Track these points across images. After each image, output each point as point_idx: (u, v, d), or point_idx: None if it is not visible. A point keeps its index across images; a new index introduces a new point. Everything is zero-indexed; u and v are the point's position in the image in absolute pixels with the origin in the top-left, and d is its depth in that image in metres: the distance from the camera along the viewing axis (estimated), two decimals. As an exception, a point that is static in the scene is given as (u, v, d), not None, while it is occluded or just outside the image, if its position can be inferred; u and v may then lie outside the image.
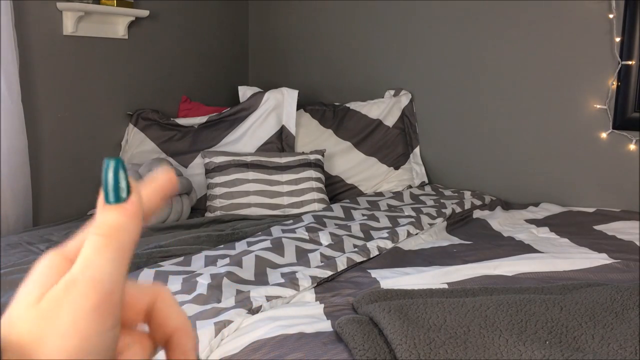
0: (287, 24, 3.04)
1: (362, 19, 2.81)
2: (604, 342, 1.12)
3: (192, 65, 2.84)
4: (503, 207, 2.35)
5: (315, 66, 2.98)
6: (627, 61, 2.20)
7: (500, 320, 1.16)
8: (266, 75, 3.13)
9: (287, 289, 1.43)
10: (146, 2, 2.53)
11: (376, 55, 2.79)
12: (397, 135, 2.67)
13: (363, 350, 1.08)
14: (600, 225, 2.05)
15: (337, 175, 2.55)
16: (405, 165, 2.66)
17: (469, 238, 1.95)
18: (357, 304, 1.31)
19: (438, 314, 1.18)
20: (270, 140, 2.49)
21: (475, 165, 2.59)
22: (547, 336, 1.13)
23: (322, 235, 1.84)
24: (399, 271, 1.58)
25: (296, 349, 1.15)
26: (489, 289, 1.37)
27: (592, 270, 1.59)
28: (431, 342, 1.08)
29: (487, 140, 2.56)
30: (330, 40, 2.92)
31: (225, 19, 3.01)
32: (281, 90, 2.56)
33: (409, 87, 2.73)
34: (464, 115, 2.60)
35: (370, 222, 2.01)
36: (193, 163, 2.44)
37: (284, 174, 2.33)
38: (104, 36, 2.40)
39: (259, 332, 1.22)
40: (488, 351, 1.07)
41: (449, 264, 1.63)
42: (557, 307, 1.22)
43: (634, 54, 2.19)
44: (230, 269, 1.52)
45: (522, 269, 1.59)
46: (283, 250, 1.70)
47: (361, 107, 2.68)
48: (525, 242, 1.88)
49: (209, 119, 2.55)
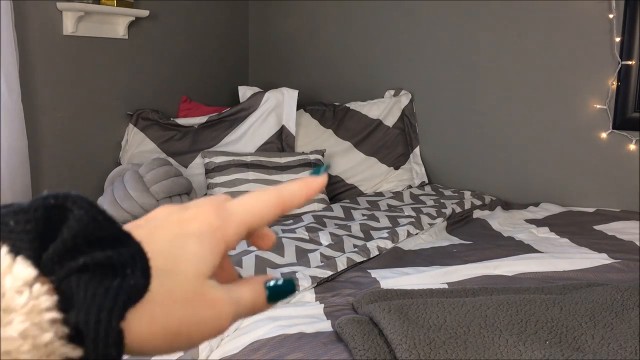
0: (287, 24, 3.04)
1: (362, 19, 2.81)
2: (604, 342, 1.12)
3: (192, 65, 2.84)
4: (503, 207, 2.35)
5: (315, 66, 2.98)
6: (627, 61, 2.20)
7: (500, 320, 1.16)
8: (266, 75, 3.13)
9: (287, 289, 1.43)
10: (146, 2, 2.53)
11: (376, 55, 2.79)
12: (397, 135, 2.67)
13: (363, 350, 1.08)
14: (600, 225, 2.05)
15: (337, 175, 2.55)
16: (405, 165, 2.66)
17: (469, 238, 1.95)
18: (357, 304, 1.31)
19: (438, 314, 1.18)
20: (270, 140, 2.49)
21: (475, 165, 2.59)
22: (547, 336, 1.13)
23: (322, 235, 1.84)
24: (399, 271, 1.58)
25: (296, 349, 1.15)
26: (489, 289, 1.37)
27: (592, 270, 1.59)
28: (431, 342, 1.08)
29: (487, 140, 2.56)
30: (330, 40, 2.92)
31: (225, 19, 3.01)
32: (281, 90, 2.56)
33: (409, 87, 2.73)
34: (464, 115, 2.60)
35: (370, 222, 2.01)
36: (193, 163, 2.44)
37: (284, 174, 2.33)
38: (104, 36, 2.40)
39: (258, 332, 1.22)
40: (488, 351, 1.07)
41: (449, 264, 1.63)
42: (557, 307, 1.22)
43: (634, 54, 2.19)
44: (230, 269, 1.52)
45: (522, 269, 1.58)
46: (283, 250, 1.70)
47: (361, 107, 2.68)
48: (525, 242, 1.88)
49: (209, 119, 2.55)
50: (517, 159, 2.49)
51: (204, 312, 0.28)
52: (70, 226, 0.25)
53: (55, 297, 0.24)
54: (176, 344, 0.27)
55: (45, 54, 2.19)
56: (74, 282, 0.24)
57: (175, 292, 0.27)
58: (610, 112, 2.26)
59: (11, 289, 0.23)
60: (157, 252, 0.27)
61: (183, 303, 0.27)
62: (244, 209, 0.32)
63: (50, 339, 0.23)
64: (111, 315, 0.24)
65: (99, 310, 0.24)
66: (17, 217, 0.25)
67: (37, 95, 2.18)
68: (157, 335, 0.26)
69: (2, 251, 0.24)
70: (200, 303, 0.28)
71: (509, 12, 2.43)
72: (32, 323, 0.23)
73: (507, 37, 2.45)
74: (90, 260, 0.25)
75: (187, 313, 0.27)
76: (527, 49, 2.41)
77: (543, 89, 2.40)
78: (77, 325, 0.24)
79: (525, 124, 2.46)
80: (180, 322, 0.27)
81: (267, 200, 0.32)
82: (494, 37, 2.48)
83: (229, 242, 0.30)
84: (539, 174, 2.45)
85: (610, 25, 2.22)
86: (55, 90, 2.24)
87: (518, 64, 2.44)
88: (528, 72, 2.42)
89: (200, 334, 0.28)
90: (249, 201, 0.32)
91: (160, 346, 0.27)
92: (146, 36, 2.58)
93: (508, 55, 2.46)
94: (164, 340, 0.26)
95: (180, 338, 0.27)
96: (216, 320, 0.28)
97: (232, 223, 0.30)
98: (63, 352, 0.23)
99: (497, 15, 2.46)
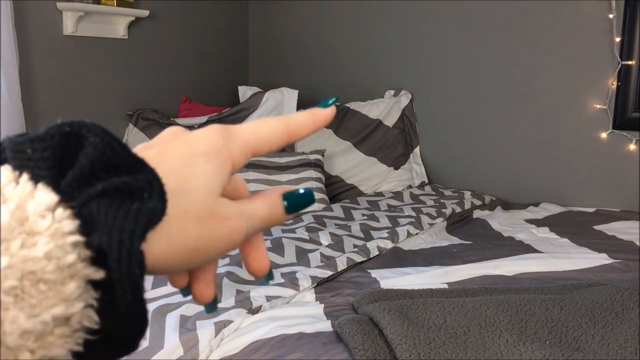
0: (288, 23, 3.04)
1: (362, 19, 2.81)
2: (604, 342, 1.12)
3: (192, 66, 2.84)
4: (503, 207, 2.35)
5: (315, 66, 2.98)
6: (627, 61, 2.20)
7: (500, 320, 1.16)
8: (266, 75, 3.13)
9: (287, 289, 1.43)
10: (146, 2, 2.53)
11: (376, 55, 2.79)
12: (397, 135, 2.67)
13: (363, 350, 1.08)
14: (600, 225, 2.05)
15: (337, 175, 2.55)
16: (405, 165, 2.66)
17: (469, 238, 1.95)
18: (357, 304, 1.31)
19: (438, 314, 1.18)
20: (270, 140, 2.48)
21: (475, 165, 2.59)
22: (547, 336, 1.13)
23: (322, 235, 1.84)
24: (399, 271, 1.58)
25: (296, 349, 1.15)
26: (489, 289, 1.37)
27: (592, 270, 1.59)
28: (431, 342, 1.08)
29: (487, 140, 2.56)
30: (330, 40, 2.92)
31: (225, 19, 3.01)
32: (281, 90, 2.57)
33: (409, 87, 2.73)
34: (464, 115, 2.60)
35: (370, 222, 2.01)
36: (193, 163, 2.44)
37: (284, 174, 2.33)
38: (104, 36, 2.40)
39: (259, 332, 1.22)
40: (488, 351, 1.07)
41: (449, 264, 1.63)
42: (557, 307, 1.22)
43: (634, 54, 2.19)
44: (230, 269, 1.52)
45: (522, 269, 1.58)
46: (283, 250, 1.70)
47: (361, 107, 2.68)
48: (525, 242, 1.88)
49: (209, 119, 2.55)
50: (517, 159, 2.49)
51: (217, 228, 0.29)
52: (87, 153, 0.26)
53: (77, 221, 0.25)
54: (194, 259, 0.28)
55: (45, 54, 2.19)
56: (94, 207, 0.25)
57: (190, 211, 0.28)
58: (610, 112, 2.26)
59: (34, 213, 0.24)
60: (168, 173, 0.28)
61: (198, 221, 0.28)
62: (249, 131, 0.33)
63: (73, 260, 0.24)
64: (133, 236, 0.25)
65: (121, 231, 0.24)
66: (34, 145, 0.25)
67: (37, 95, 2.18)
68: (176, 253, 0.27)
69: (23, 178, 0.24)
70: (214, 220, 0.29)
71: (509, 12, 2.43)
72: (56, 245, 0.23)
73: (507, 37, 2.45)
74: (108, 185, 0.25)
75: (203, 230, 0.28)
76: (527, 49, 2.41)
77: (543, 89, 2.40)
78: (100, 247, 0.24)
79: (525, 124, 2.46)
80: (197, 239, 0.28)
81: (273, 126, 0.33)
82: (494, 37, 2.48)
83: (235, 161, 0.31)
84: (539, 174, 2.45)
85: (610, 25, 2.22)
86: (55, 90, 2.24)
87: (518, 64, 2.44)
88: (528, 72, 2.42)
89: (215, 248, 0.29)
90: (254, 125, 0.33)
91: (180, 263, 0.28)
92: (146, 36, 2.58)
93: (508, 55, 2.46)
94: (182, 258, 0.27)
95: (198, 254, 0.28)
96: (229, 235, 0.29)
97: (236, 142, 0.31)
98: (86, 274, 0.24)
99: (497, 16, 2.46)
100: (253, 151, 0.32)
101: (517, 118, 2.47)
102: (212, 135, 0.30)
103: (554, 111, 2.39)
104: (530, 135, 2.45)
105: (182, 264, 0.28)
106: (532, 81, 2.42)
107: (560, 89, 2.36)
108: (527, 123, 2.45)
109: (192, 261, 0.28)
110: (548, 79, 2.38)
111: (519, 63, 2.44)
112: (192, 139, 0.30)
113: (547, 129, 2.41)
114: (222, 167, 0.30)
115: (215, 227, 0.29)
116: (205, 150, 0.30)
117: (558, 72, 2.36)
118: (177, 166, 0.29)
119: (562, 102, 2.36)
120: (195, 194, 0.28)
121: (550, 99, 2.39)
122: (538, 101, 2.42)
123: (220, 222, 0.29)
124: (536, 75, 2.41)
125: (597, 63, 2.27)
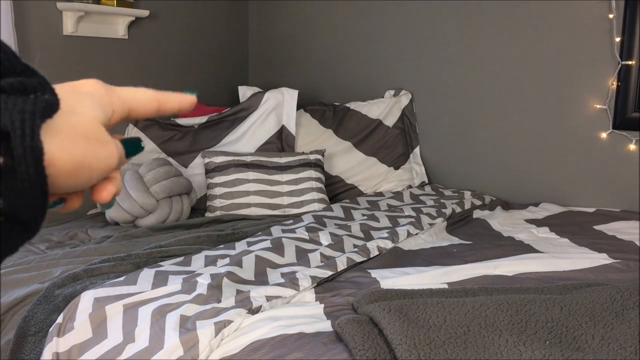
0: (287, 24, 3.04)
1: (362, 19, 2.81)
2: (604, 342, 1.12)
3: (192, 66, 2.84)
4: (503, 207, 2.35)
5: (315, 66, 2.98)
6: (627, 61, 2.20)
7: (500, 320, 1.16)
8: (266, 75, 3.13)
9: (287, 289, 1.43)
10: (146, 2, 2.54)
11: (376, 55, 2.79)
12: (397, 135, 2.67)
13: (363, 350, 1.08)
14: (600, 225, 2.05)
15: (337, 175, 2.55)
16: (405, 165, 2.66)
17: (469, 238, 1.95)
18: (357, 304, 1.31)
19: (438, 314, 1.18)
20: (270, 140, 2.49)
21: (475, 165, 2.60)
22: (547, 336, 1.13)
23: (322, 235, 1.84)
24: (399, 271, 1.58)
25: (296, 349, 1.15)
26: (489, 289, 1.37)
27: (592, 270, 1.59)
28: (431, 342, 1.08)
29: (487, 140, 2.56)
30: (330, 40, 2.92)
31: (225, 19, 3.01)
32: (281, 90, 2.56)
33: (409, 87, 2.73)
34: (464, 115, 2.60)
35: (370, 222, 2.01)
36: (193, 163, 2.44)
37: (284, 174, 2.33)
38: (104, 36, 2.40)
39: (259, 332, 1.22)
40: (488, 351, 1.07)
41: (449, 264, 1.63)
42: (557, 307, 1.22)
43: (634, 54, 2.19)
44: (230, 269, 1.52)
45: (522, 269, 1.58)
46: (283, 250, 1.70)
47: (361, 107, 2.68)
48: (525, 242, 1.88)
49: (209, 119, 2.55)
50: (517, 159, 2.49)
51: (100, 150, 0.32)
52: None
53: None
54: (79, 176, 0.31)
55: (45, 54, 2.19)
56: None
57: (78, 129, 0.31)
58: (610, 112, 2.26)
59: None
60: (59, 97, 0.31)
61: (85, 139, 0.31)
62: (127, 90, 0.37)
63: None
64: (34, 116, 0.28)
65: (22, 111, 0.27)
66: None
67: (37, 95, 2.18)
68: (66, 163, 0.30)
69: None
70: (98, 142, 0.32)
71: (509, 12, 2.43)
72: None
73: (507, 37, 2.45)
74: (4, 84, 0.29)
75: (88, 148, 0.32)
76: (527, 48, 2.41)
77: (543, 88, 2.40)
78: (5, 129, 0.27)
79: (525, 124, 2.46)
80: (84, 154, 0.31)
81: (148, 93, 0.39)
82: (493, 37, 2.48)
83: (116, 109, 0.35)
84: (539, 174, 2.45)
85: (610, 25, 2.22)
86: (55, 90, 2.24)
87: (518, 64, 2.44)
88: (528, 72, 2.42)
89: (97, 169, 0.32)
90: (131, 88, 0.38)
91: (67, 175, 0.31)
92: (146, 36, 2.58)
93: (508, 55, 2.46)
94: (70, 169, 0.30)
95: (83, 170, 0.31)
96: (108, 159, 0.33)
97: (116, 95, 0.36)
98: None
99: (497, 15, 2.46)
100: (130, 108, 0.37)
101: (517, 118, 2.47)
102: (95, 84, 0.35)
103: (554, 111, 2.39)
104: (530, 135, 2.45)
105: (69, 178, 0.31)
106: (532, 81, 2.42)
107: (560, 89, 2.36)
108: (527, 123, 2.45)
109: (77, 177, 0.31)
110: (548, 79, 2.38)
111: (519, 63, 2.44)
112: (78, 84, 0.35)
113: (547, 129, 2.41)
114: (105, 107, 0.34)
115: (99, 149, 0.32)
116: (90, 92, 0.34)
117: (558, 72, 2.36)
118: (67, 97, 0.32)
119: (562, 102, 2.36)
120: (82, 116, 0.32)
121: (550, 99, 2.39)
122: (538, 101, 2.42)
123: (103, 145, 0.33)
124: (536, 75, 2.41)
125: (597, 63, 2.27)
